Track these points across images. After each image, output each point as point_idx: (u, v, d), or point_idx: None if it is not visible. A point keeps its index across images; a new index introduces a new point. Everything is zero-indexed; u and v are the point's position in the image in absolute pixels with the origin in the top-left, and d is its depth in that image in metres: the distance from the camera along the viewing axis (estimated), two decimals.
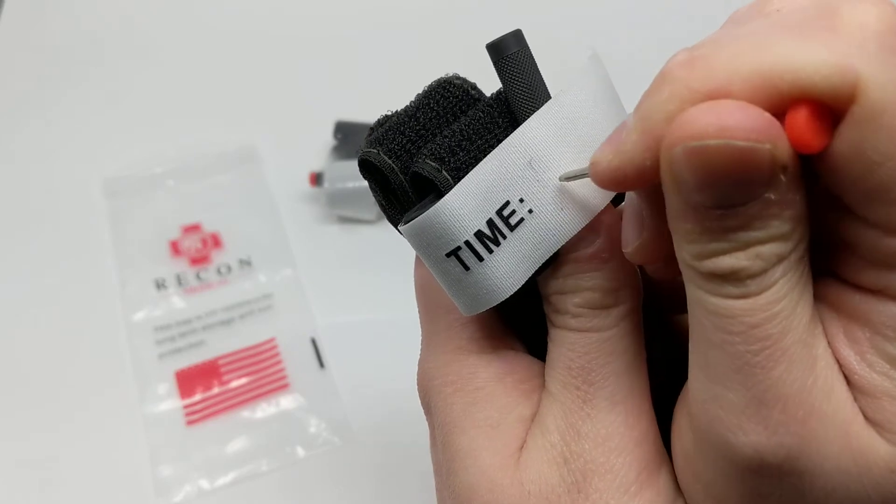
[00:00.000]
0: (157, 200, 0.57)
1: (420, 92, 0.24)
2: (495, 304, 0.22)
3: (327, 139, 0.58)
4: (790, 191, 0.16)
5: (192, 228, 0.55)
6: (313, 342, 0.50)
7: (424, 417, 0.26)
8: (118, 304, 0.51)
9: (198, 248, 0.54)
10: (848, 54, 0.15)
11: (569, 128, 0.21)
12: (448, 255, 0.21)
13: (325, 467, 0.45)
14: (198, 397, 0.48)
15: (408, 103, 0.24)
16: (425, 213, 0.20)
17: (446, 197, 0.20)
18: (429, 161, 0.21)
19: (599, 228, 0.21)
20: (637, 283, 0.22)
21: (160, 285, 0.52)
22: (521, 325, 0.25)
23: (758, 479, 0.18)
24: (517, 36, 0.22)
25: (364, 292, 0.52)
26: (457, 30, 0.68)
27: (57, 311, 0.51)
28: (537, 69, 0.22)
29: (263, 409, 0.47)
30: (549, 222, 0.21)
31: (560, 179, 0.21)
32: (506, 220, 0.21)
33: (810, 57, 0.15)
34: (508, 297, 0.21)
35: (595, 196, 0.21)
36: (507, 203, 0.20)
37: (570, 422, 0.21)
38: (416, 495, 0.43)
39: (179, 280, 0.53)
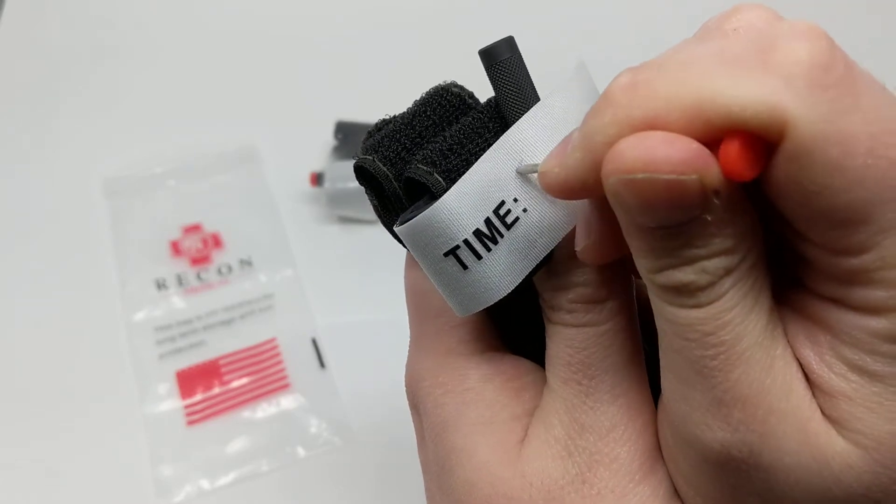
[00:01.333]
0: (157, 200, 0.57)
1: (418, 98, 0.24)
2: (492, 303, 0.22)
3: (328, 139, 0.58)
4: (727, 211, 0.16)
5: (193, 228, 0.55)
6: (314, 342, 0.50)
7: None
8: (119, 305, 0.51)
9: (198, 248, 0.54)
10: (778, 91, 0.15)
11: (557, 128, 0.21)
12: (446, 254, 0.21)
13: (325, 467, 0.45)
14: (198, 397, 0.48)
15: (405, 109, 0.24)
16: (423, 212, 0.21)
17: (445, 196, 0.21)
18: (421, 165, 0.22)
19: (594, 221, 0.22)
20: (628, 275, 0.22)
21: (161, 285, 0.52)
22: (511, 326, 0.25)
23: (728, 472, 0.19)
24: (509, 42, 0.22)
25: (365, 292, 0.52)
26: (457, 30, 0.68)
27: (57, 312, 0.51)
28: (528, 75, 0.22)
29: (264, 410, 0.47)
30: (543, 220, 0.21)
31: (517, 171, 0.21)
32: (502, 218, 0.21)
33: (743, 92, 0.15)
34: (505, 295, 0.21)
35: None
36: (503, 202, 0.21)
37: (573, 416, 0.22)
38: (416, 495, 0.43)
39: (180, 280, 0.53)
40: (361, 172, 0.24)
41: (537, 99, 0.22)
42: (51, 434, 0.46)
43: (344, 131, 0.58)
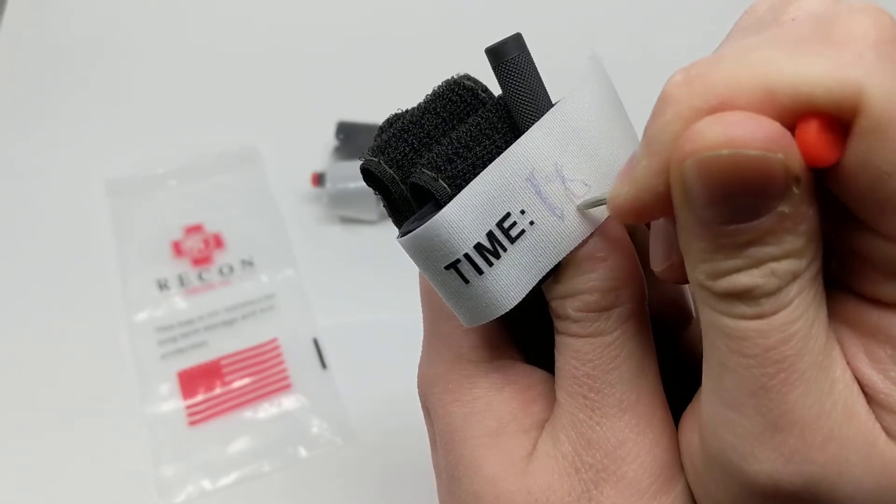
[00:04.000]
0: (159, 201, 0.57)
1: (429, 93, 0.23)
2: (496, 317, 0.21)
3: (329, 139, 0.58)
4: (803, 204, 0.15)
5: (194, 229, 0.55)
6: (315, 343, 0.50)
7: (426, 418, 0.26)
8: (120, 305, 0.51)
9: (200, 249, 0.54)
10: (848, 65, 0.14)
11: (571, 137, 0.20)
12: (447, 267, 0.21)
13: (327, 468, 0.45)
14: (200, 398, 0.48)
15: (416, 104, 0.23)
16: (423, 225, 0.20)
17: (444, 209, 0.20)
18: (426, 171, 0.21)
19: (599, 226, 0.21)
20: (640, 282, 0.21)
21: (162, 286, 0.52)
22: (525, 333, 0.25)
23: None
24: (517, 40, 0.21)
25: (366, 293, 0.52)
26: (459, 30, 0.68)
27: (59, 312, 0.51)
28: (538, 74, 0.21)
29: (265, 410, 0.47)
30: (551, 233, 0.20)
31: (578, 208, 0.20)
32: (507, 231, 0.20)
33: (811, 70, 0.15)
34: (510, 309, 0.21)
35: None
36: (508, 215, 0.20)
37: (579, 431, 0.21)
38: (418, 496, 0.43)
39: (181, 280, 0.53)
40: (368, 175, 0.23)
41: (548, 100, 0.21)
42: (52, 434, 0.46)
43: (345, 131, 0.58)
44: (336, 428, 0.47)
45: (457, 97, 0.23)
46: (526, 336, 0.25)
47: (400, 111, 0.23)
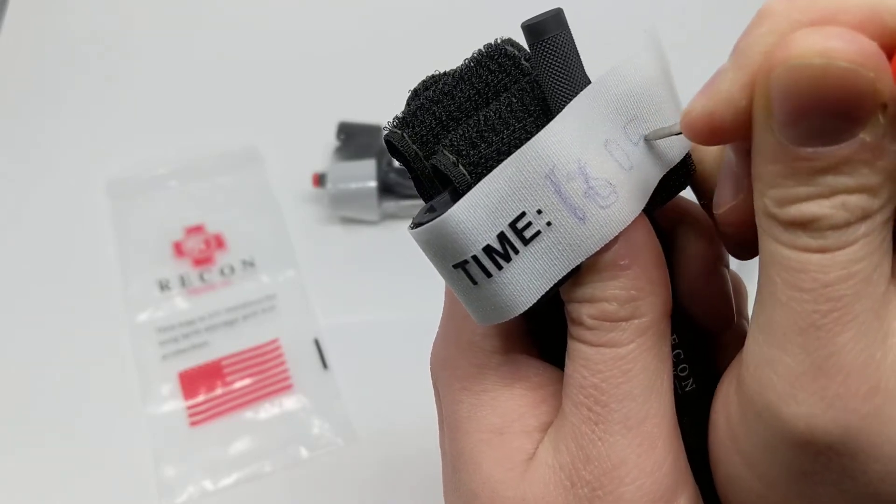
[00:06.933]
0: (160, 201, 0.57)
1: (469, 57, 0.21)
2: (506, 320, 0.20)
3: (330, 140, 0.58)
4: (886, 137, 0.15)
5: (196, 229, 0.55)
6: (316, 343, 0.50)
7: (427, 419, 0.26)
8: (121, 305, 0.51)
9: (201, 249, 0.54)
10: None
11: (600, 125, 0.19)
12: (455, 266, 0.19)
13: (328, 468, 0.45)
14: (201, 398, 0.48)
15: (455, 67, 0.21)
16: (431, 222, 0.19)
17: (453, 208, 0.18)
18: (447, 153, 0.20)
19: (624, 231, 0.19)
20: (664, 292, 0.20)
21: (163, 286, 0.52)
22: (544, 328, 0.23)
23: (804, 456, 0.16)
24: (558, 17, 0.19)
25: (367, 293, 0.52)
26: (459, 30, 0.68)
27: (60, 312, 0.51)
28: (578, 56, 0.20)
29: (267, 410, 0.47)
30: (570, 236, 0.19)
31: (647, 139, 0.19)
32: (520, 232, 0.19)
33: None
34: (520, 313, 0.20)
35: (622, 208, 0.19)
36: (523, 214, 0.19)
37: (579, 444, 0.20)
38: (419, 496, 0.43)
39: (183, 281, 0.53)
40: (391, 146, 0.21)
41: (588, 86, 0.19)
42: (53, 435, 0.46)
43: (346, 132, 0.58)
44: (337, 428, 0.47)
45: (496, 65, 0.21)
46: (544, 330, 0.23)
47: (438, 73, 0.22)
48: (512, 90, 0.20)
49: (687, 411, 0.21)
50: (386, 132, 0.21)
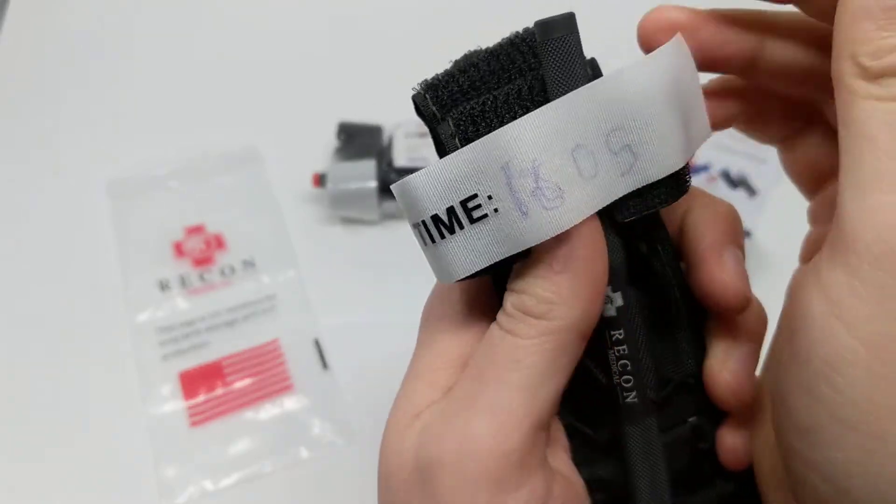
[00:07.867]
0: (160, 202, 0.57)
1: (506, 36, 0.23)
2: (448, 283, 0.22)
3: (330, 140, 0.58)
4: None
5: (196, 229, 0.55)
6: (317, 343, 0.50)
7: None
8: (122, 306, 0.51)
9: (201, 249, 0.54)
10: None
11: (570, 132, 0.19)
12: (413, 225, 0.22)
13: (328, 468, 0.45)
14: (201, 398, 0.48)
15: (495, 43, 0.23)
16: (399, 182, 0.21)
17: (412, 175, 0.20)
18: (450, 124, 0.21)
19: (569, 238, 0.20)
20: (585, 307, 0.21)
21: (164, 286, 0.52)
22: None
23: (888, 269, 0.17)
24: (568, 20, 0.20)
25: (367, 293, 0.52)
26: (460, 30, 0.68)
27: (60, 313, 0.51)
28: (582, 60, 0.21)
29: (267, 411, 0.47)
30: (510, 227, 0.20)
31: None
32: (469, 211, 0.20)
33: None
34: (457, 281, 0.21)
35: (564, 215, 0.20)
36: (475, 196, 0.20)
37: (445, 414, 0.21)
38: None
39: (183, 281, 0.53)
40: (416, 106, 0.23)
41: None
42: (54, 435, 0.46)
43: (346, 132, 0.58)
44: (337, 428, 0.47)
45: (526, 47, 0.22)
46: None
47: (480, 48, 0.23)
48: (527, 76, 0.22)
49: (631, 420, 0.23)
50: (413, 92, 0.23)
